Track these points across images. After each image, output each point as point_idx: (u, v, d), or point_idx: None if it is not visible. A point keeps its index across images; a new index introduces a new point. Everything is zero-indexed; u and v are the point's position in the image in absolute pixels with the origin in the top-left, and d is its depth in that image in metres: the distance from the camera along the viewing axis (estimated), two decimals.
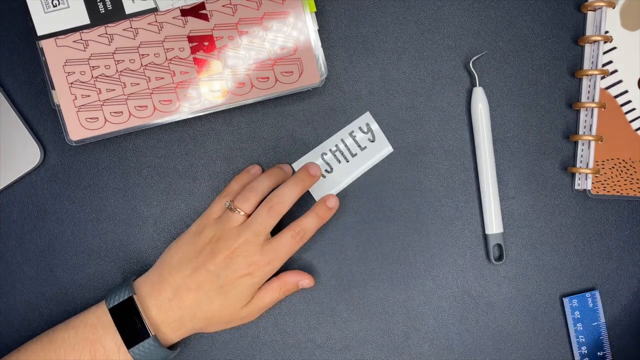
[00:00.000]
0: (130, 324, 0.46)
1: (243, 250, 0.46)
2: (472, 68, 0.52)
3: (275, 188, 0.49)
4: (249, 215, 0.48)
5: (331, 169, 0.53)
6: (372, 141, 0.53)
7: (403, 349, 0.54)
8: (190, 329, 0.48)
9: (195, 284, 0.46)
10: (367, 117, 0.53)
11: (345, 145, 0.53)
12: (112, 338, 0.46)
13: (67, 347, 0.46)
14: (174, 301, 0.47)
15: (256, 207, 0.48)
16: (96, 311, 0.47)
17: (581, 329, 0.53)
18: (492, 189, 0.52)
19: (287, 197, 0.48)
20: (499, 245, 0.53)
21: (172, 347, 0.49)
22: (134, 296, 0.47)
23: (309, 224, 0.48)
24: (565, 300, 0.53)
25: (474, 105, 0.52)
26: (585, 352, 0.53)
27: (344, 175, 0.53)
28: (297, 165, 0.53)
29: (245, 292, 0.47)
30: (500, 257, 0.53)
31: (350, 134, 0.53)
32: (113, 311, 0.46)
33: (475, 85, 0.52)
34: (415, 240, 0.53)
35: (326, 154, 0.53)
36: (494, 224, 0.52)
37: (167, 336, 0.47)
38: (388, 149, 0.53)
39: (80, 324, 0.47)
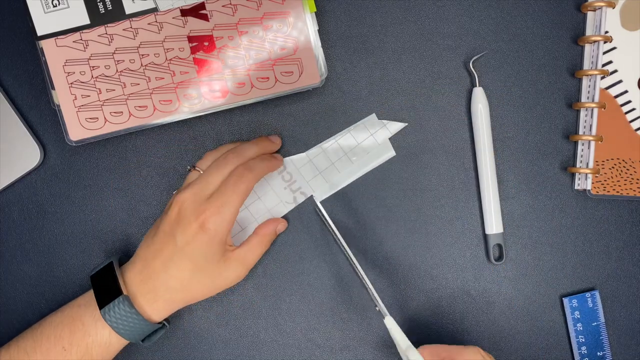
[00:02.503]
0: (106, 288, 0.46)
1: (191, 202, 0.45)
2: (472, 68, 0.52)
3: None
4: None
5: (331, 165, 0.53)
6: (376, 144, 0.53)
7: None
8: (170, 302, 0.47)
9: (157, 250, 0.46)
10: (372, 119, 0.53)
11: (348, 146, 0.53)
12: (91, 313, 0.46)
13: (50, 326, 0.47)
14: (144, 272, 0.46)
15: None
16: (84, 295, 0.48)
17: (581, 329, 0.53)
18: (492, 189, 0.52)
19: (242, 152, 0.48)
20: (499, 245, 0.53)
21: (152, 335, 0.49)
22: (114, 262, 0.47)
23: (255, 163, 0.48)
24: (565, 300, 0.53)
25: (474, 105, 0.52)
26: (585, 352, 0.53)
27: (344, 176, 0.53)
28: (295, 160, 0.53)
29: (208, 250, 0.46)
30: (500, 257, 0.53)
31: (354, 134, 0.53)
32: (93, 279, 0.47)
33: (475, 85, 0.52)
34: (415, 240, 0.53)
35: (327, 152, 0.53)
36: (494, 224, 0.52)
37: (145, 310, 0.46)
38: (390, 152, 0.53)
39: (67, 306, 0.48)
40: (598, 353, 0.53)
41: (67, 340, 0.46)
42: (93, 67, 0.49)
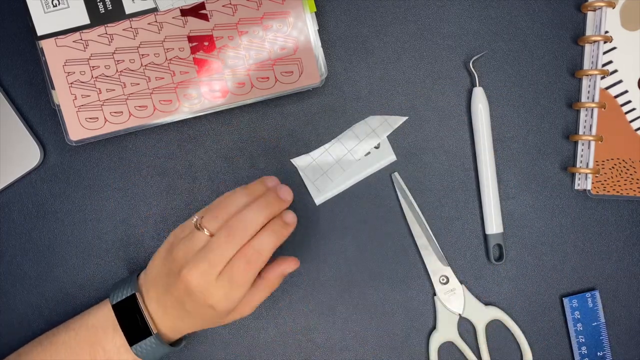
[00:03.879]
0: (133, 322, 0.45)
1: (199, 284, 0.42)
2: (472, 68, 0.52)
3: None
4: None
5: (330, 169, 0.53)
6: (377, 148, 0.53)
7: (403, 349, 0.54)
8: (187, 330, 0.48)
9: (169, 304, 0.45)
10: (372, 119, 0.53)
11: (349, 149, 0.53)
12: (111, 339, 0.46)
13: (67, 350, 0.46)
14: (159, 312, 0.46)
15: None
16: (96, 313, 0.47)
17: (581, 329, 0.53)
18: (492, 189, 0.52)
19: (250, 222, 0.42)
20: (499, 245, 0.53)
21: (175, 342, 0.49)
22: (137, 294, 0.46)
23: (263, 243, 0.43)
24: (565, 300, 0.53)
25: (474, 105, 0.52)
26: (585, 352, 0.53)
27: (344, 179, 0.53)
28: (296, 161, 0.53)
29: (217, 317, 0.45)
30: (500, 257, 0.53)
31: (355, 137, 0.53)
32: (116, 308, 0.46)
33: (476, 85, 0.52)
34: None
35: (328, 154, 0.53)
36: (494, 224, 0.52)
37: (166, 336, 0.47)
38: (391, 157, 0.53)
39: (81, 326, 0.47)
40: (598, 353, 0.53)
41: None
42: (93, 67, 0.49)
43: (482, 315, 0.53)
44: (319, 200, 0.53)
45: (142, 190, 0.53)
